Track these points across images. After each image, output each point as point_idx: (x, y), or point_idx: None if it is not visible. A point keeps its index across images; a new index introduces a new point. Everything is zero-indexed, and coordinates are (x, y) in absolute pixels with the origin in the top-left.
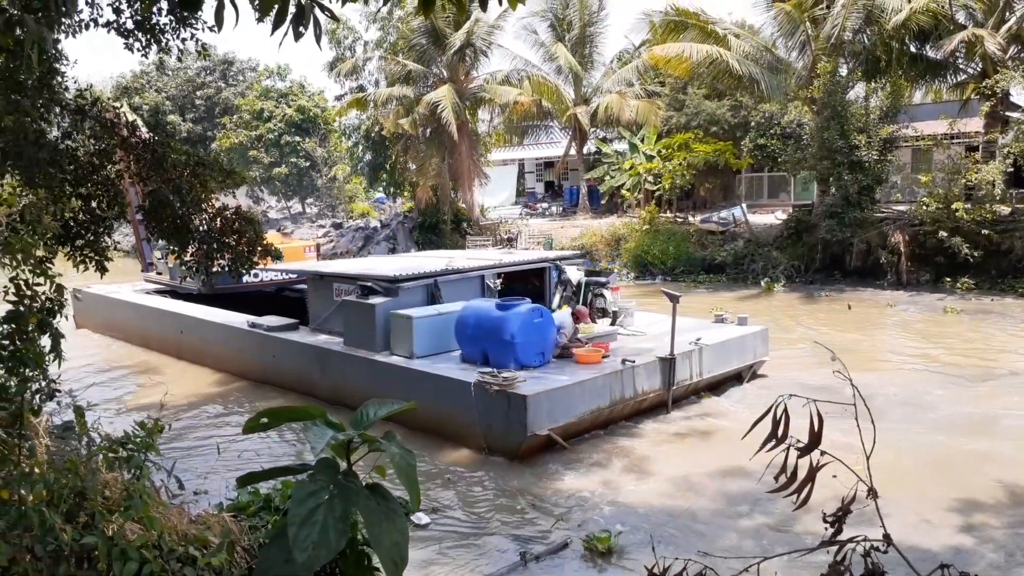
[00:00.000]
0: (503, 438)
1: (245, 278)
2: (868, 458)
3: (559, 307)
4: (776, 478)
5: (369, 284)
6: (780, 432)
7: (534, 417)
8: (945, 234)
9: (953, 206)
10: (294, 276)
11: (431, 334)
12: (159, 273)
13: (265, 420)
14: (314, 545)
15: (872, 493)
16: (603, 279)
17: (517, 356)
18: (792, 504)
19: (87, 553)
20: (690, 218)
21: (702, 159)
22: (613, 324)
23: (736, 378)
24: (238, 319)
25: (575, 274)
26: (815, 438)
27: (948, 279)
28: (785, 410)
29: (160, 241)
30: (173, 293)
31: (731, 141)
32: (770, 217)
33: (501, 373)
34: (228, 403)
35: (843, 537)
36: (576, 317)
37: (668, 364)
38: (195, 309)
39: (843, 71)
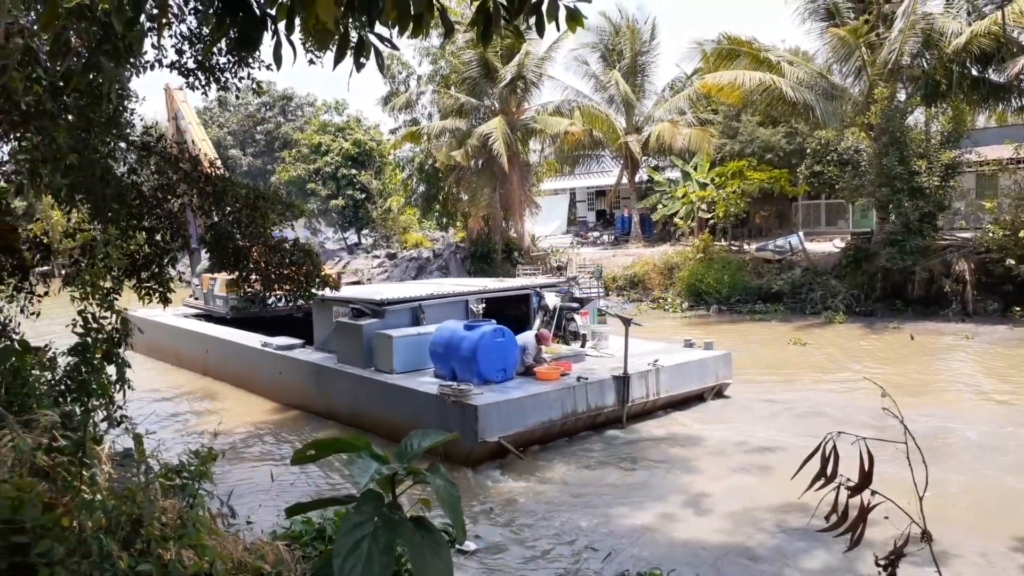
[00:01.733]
0: (457, 444)
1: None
2: (921, 499)
3: (538, 330)
4: (827, 518)
5: (359, 307)
6: (830, 471)
7: (484, 425)
8: (1013, 262)
9: (1021, 233)
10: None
11: (410, 352)
12: (195, 298)
13: (312, 452)
14: None
15: (927, 536)
16: (575, 305)
17: (480, 372)
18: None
19: None
20: (745, 246)
21: (757, 186)
22: (583, 346)
23: (698, 398)
24: (254, 339)
25: (552, 300)
26: (866, 477)
27: (1017, 308)
28: (834, 448)
29: (200, 267)
30: (208, 316)
31: (786, 168)
32: (828, 245)
33: (458, 386)
34: (279, 432)
35: None
36: (539, 339)
37: (622, 382)
38: (219, 330)
39: (901, 96)
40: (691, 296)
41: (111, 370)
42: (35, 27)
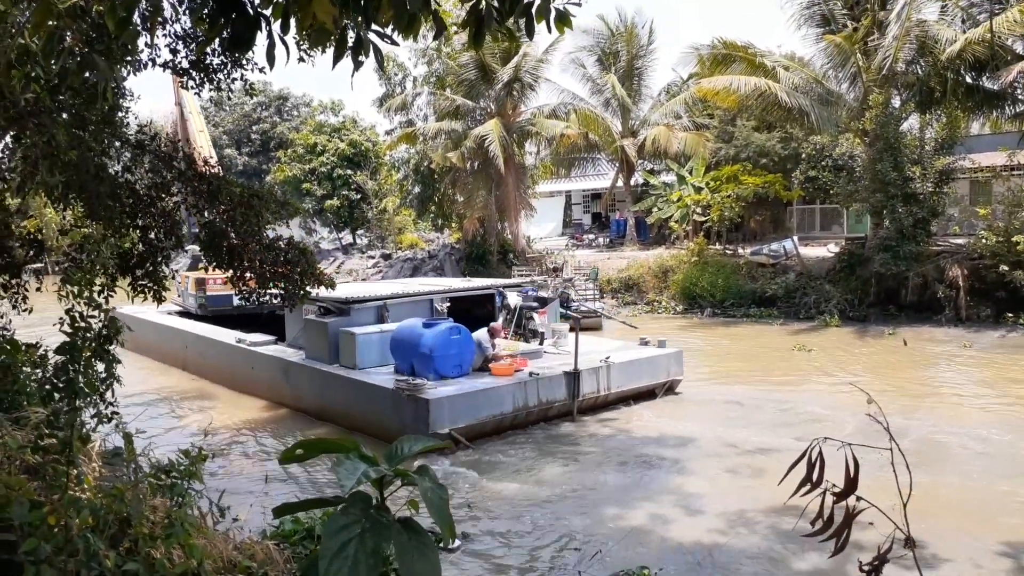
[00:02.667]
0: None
1: (237, 301)
2: (905, 505)
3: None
4: (812, 523)
5: (326, 305)
6: (815, 476)
7: (436, 417)
8: (1006, 268)
9: (1014, 239)
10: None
11: (372, 349)
12: (179, 295)
13: (300, 451)
14: None
15: (910, 542)
16: (534, 304)
17: (435, 367)
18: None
19: None
20: (740, 250)
21: (751, 191)
22: (541, 344)
23: (650, 394)
24: (229, 335)
25: (514, 299)
26: (851, 483)
27: (1010, 315)
28: (820, 454)
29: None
30: (188, 314)
31: (781, 173)
32: (822, 250)
33: (412, 381)
34: (268, 431)
35: None
36: (492, 333)
37: (573, 377)
38: (197, 327)
39: (896, 102)
40: (685, 299)
41: (101, 367)
42: (28, 26)
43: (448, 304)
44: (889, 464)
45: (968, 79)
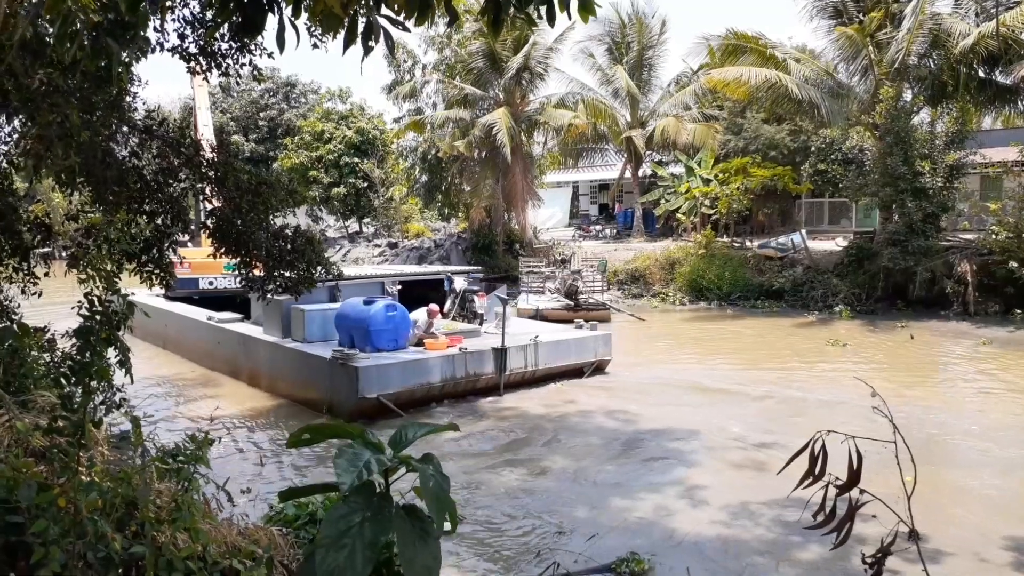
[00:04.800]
0: (343, 400)
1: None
2: (909, 498)
3: (449, 309)
4: (815, 516)
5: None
6: (818, 469)
7: (364, 384)
8: (1016, 264)
9: None
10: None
11: (319, 324)
12: None
13: (307, 436)
14: (340, 570)
15: (914, 535)
16: (475, 288)
17: (372, 341)
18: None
19: (136, 562)
20: (747, 243)
21: (760, 183)
22: (480, 324)
23: (578, 372)
24: (203, 314)
25: (460, 284)
26: (854, 476)
27: (1019, 310)
28: (823, 447)
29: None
30: (175, 297)
31: (790, 166)
32: (830, 244)
33: (346, 351)
34: (270, 418)
35: None
36: (429, 313)
37: (500, 353)
38: (176, 307)
39: (907, 96)
40: (692, 292)
41: (111, 353)
42: (40, 9)
43: (399, 287)
44: (894, 457)
45: (981, 73)
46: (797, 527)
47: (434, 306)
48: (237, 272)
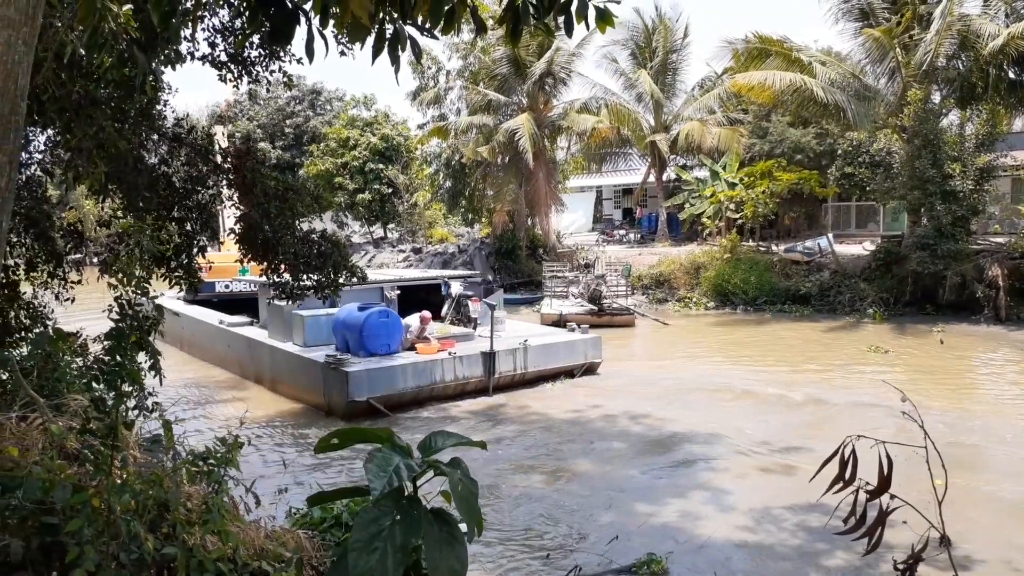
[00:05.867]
0: (335, 402)
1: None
2: (940, 503)
3: (446, 313)
4: (845, 520)
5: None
6: (848, 474)
7: (354, 387)
8: None
9: None
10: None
11: (317, 329)
12: None
13: (336, 441)
14: (371, 573)
15: (945, 540)
16: (469, 293)
17: (366, 346)
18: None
19: (167, 563)
20: (773, 247)
21: (786, 187)
22: (474, 328)
23: (568, 374)
24: (216, 318)
25: (456, 289)
26: (885, 482)
27: None
28: (853, 451)
29: None
30: (198, 301)
31: (816, 169)
32: (858, 248)
33: (339, 355)
34: (299, 423)
35: None
36: (422, 319)
37: (489, 357)
38: (193, 310)
39: (936, 98)
40: (717, 296)
41: (142, 357)
42: (72, 22)
43: (398, 292)
44: (924, 462)
45: (1011, 74)
46: (823, 533)
47: (426, 313)
48: (265, 276)
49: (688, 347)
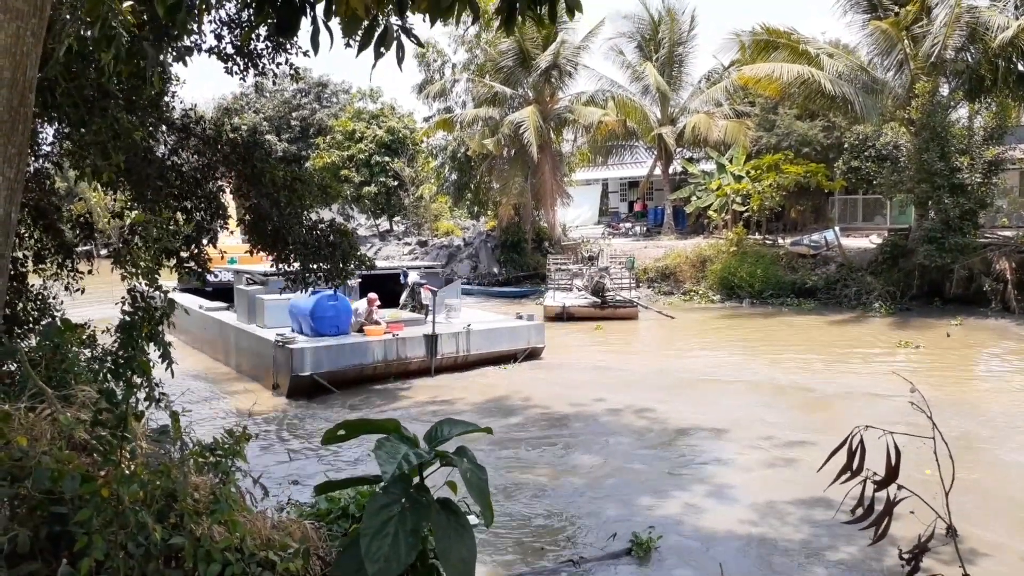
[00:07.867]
0: (282, 378)
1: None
2: (947, 494)
3: (405, 301)
4: (853, 511)
5: (252, 277)
6: (855, 464)
7: (298, 364)
8: None
9: None
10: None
11: (277, 312)
12: None
13: (342, 432)
14: (385, 557)
15: (951, 531)
16: (422, 282)
17: (315, 327)
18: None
19: (175, 553)
20: (779, 240)
21: (792, 180)
22: (426, 315)
23: (511, 358)
24: (197, 302)
25: (413, 277)
26: (892, 472)
27: None
28: (861, 441)
29: None
30: (191, 290)
31: (823, 162)
32: (864, 241)
33: (286, 335)
34: (298, 413)
35: None
36: (369, 302)
37: (431, 339)
38: (180, 297)
39: (944, 91)
40: (723, 289)
41: (151, 348)
42: (81, 15)
43: (359, 280)
44: (932, 453)
45: (1020, 67)
46: (828, 526)
47: (373, 295)
48: (273, 266)
49: (691, 339)
